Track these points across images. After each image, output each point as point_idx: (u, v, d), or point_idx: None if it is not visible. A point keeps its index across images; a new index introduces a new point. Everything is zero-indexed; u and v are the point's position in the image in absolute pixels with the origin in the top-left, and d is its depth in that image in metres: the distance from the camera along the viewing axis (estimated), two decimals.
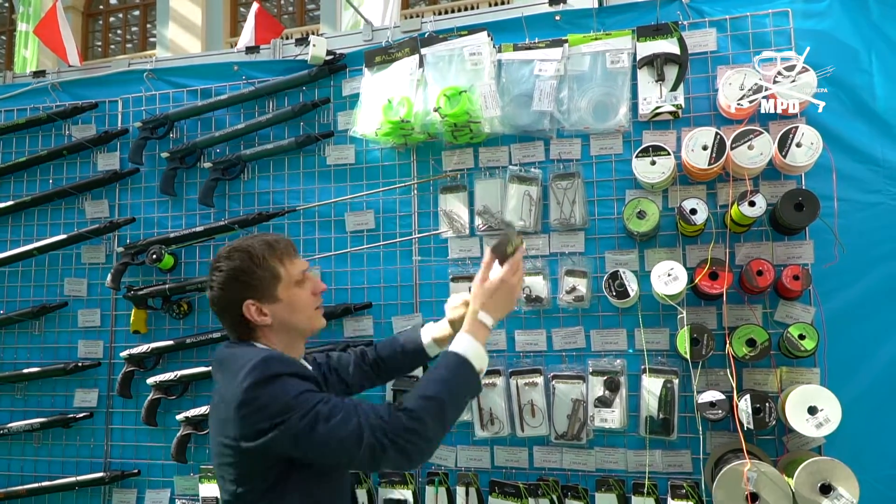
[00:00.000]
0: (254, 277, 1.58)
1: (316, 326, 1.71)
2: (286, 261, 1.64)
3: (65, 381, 2.65)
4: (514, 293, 1.72)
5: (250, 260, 1.59)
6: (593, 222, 2.22)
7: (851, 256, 2.01)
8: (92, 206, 2.70)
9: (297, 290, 1.64)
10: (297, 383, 1.48)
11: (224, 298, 1.60)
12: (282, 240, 1.67)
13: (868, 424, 1.97)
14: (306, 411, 1.43)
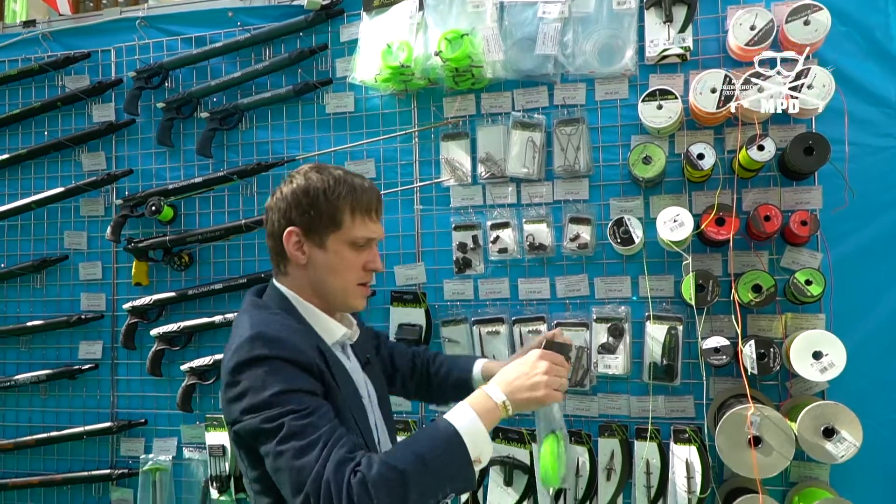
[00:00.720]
0: (313, 207, 1.37)
1: (350, 304, 1.47)
2: (358, 215, 1.41)
3: (69, 334, 2.65)
4: (536, 390, 1.35)
5: (321, 189, 1.38)
6: (598, 169, 2.19)
7: (861, 201, 1.98)
8: (89, 159, 2.66)
9: (348, 252, 1.41)
10: (284, 374, 1.26)
11: (275, 212, 1.41)
12: (372, 193, 1.44)
13: (872, 370, 1.97)
14: (275, 415, 1.22)
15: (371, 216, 1.43)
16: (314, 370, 1.30)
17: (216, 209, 2.52)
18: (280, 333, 1.31)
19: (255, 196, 2.48)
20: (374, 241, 1.46)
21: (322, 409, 1.26)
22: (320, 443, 1.20)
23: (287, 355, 1.27)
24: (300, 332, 1.36)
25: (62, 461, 2.64)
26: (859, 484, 1.94)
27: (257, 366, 1.26)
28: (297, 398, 1.24)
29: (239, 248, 2.49)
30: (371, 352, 1.67)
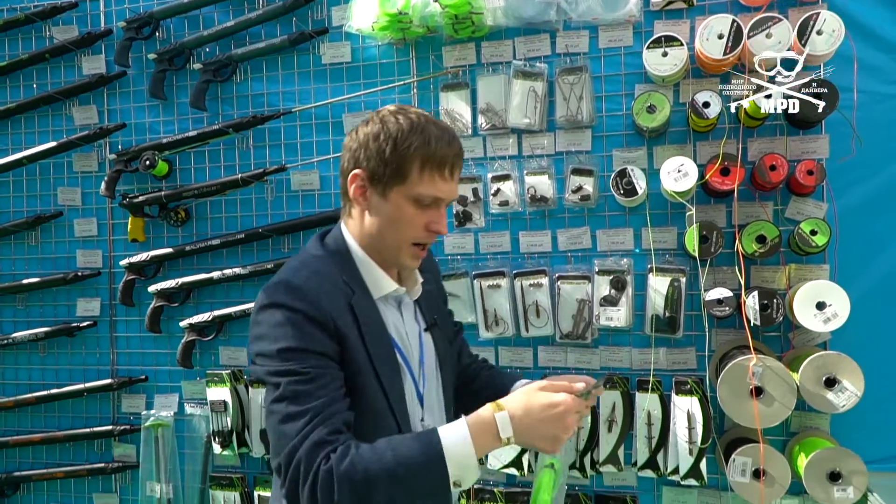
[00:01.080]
0: (381, 155, 1.29)
1: (401, 261, 1.38)
2: (428, 171, 1.29)
3: (66, 292, 2.63)
4: (549, 441, 1.21)
5: (393, 136, 1.28)
6: (601, 119, 2.15)
7: (868, 150, 1.95)
8: (80, 112, 2.61)
9: (410, 208, 1.31)
10: (296, 327, 1.23)
11: (347, 151, 1.35)
12: (450, 148, 1.31)
13: (875, 321, 1.96)
14: (277, 371, 1.21)
15: (443, 174, 1.31)
16: (329, 327, 1.25)
17: (212, 163, 2.48)
18: (305, 283, 1.27)
19: (251, 150, 2.43)
20: (442, 202, 1.34)
21: (324, 377, 1.22)
22: (308, 415, 1.17)
23: (302, 307, 1.24)
24: (333, 283, 1.31)
25: (63, 418, 2.64)
26: (859, 433, 1.95)
27: (274, 313, 1.25)
28: (302, 358, 1.21)
29: (236, 202, 2.46)
30: (441, 315, 1.57)
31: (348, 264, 1.37)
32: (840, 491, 1.80)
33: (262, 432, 2.34)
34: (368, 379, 1.30)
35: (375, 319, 1.35)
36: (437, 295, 1.62)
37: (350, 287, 1.33)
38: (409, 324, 1.45)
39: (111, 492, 2.60)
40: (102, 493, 2.61)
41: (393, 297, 1.42)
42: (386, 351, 1.35)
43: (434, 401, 1.48)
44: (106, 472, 2.55)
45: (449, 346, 1.59)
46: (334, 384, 1.23)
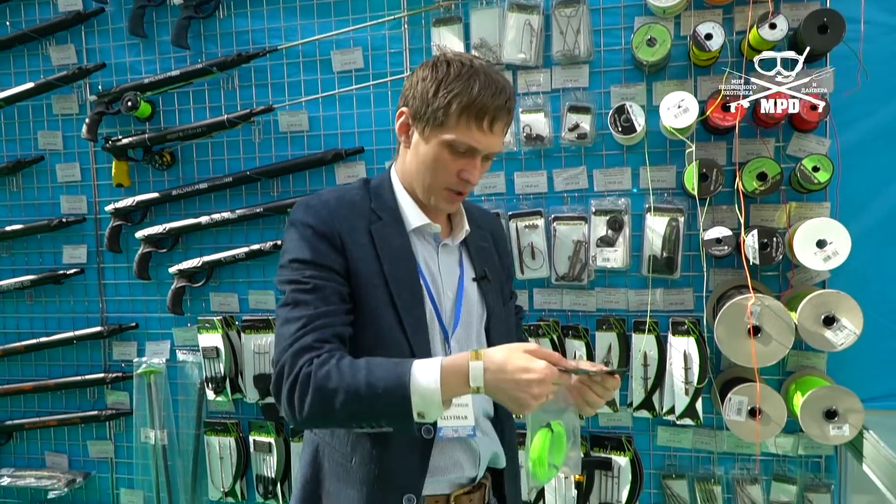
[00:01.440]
0: (425, 97, 1.30)
1: (436, 203, 1.37)
2: (465, 119, 1.28)
3: (51, 238, 2.57)
4: (514, 386, 1.14)
5: (440, 80, 1.28)
6: (598, 54, 2.07)
7: (873, 84, 1.89)
8: (57, 52, 2.50)
9: (445, 153, 1.31)
10: (306, 240, 1.30)
11: (404, 88, 1.37)
12: (493, 99, 1.28)
13: (875, 259, 1.94)
14: (286, 279, 1.30)
15: (482, 125, 1.29)
16: (336, 242, 1.30)
17: (196, 105, 2.40)
18: (321, 202, 1.34)
19: (237, 90, 2.35)
20: (478, 153, 1.32)
21: (325, 289, 1.27)
22: (301, 321, 1.24)
23: (312, 221, 1.31)
24: (354, 207, 1.36)
25: (54, 367, 2.61)
26: (856, 372, 1.95)
27: (293, 227, 1.33)
28: (307, 269, 1.28)
29: (223, 145, 2.39)
30: (493, 269, 1.53)
31: (385, 196, 1.41)
32: (836, 429, 1.80)
33: (256, 378, 2.32)
34: (382, 302, 1.31)
35: (400, 246, 1.37)
36: (493, 256, 1.58)
37: (377, 215, 1.37)
38: (446, 265, 1.44)
39: (105, 439, 2.59)
40: (97, 440, 2.60)
41: (430, 234, 1.43)
42: (407, 276, 1.35)
43: (470, 345, 1.42)
44: (100, 420, 2.54)
45: (502, 305, 1.55)
46: (334, 297, 1.28)
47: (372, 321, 1.31)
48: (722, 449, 2.06)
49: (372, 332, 1.31)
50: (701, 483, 2.07)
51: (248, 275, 2.41)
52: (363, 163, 2.27)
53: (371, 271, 1.32)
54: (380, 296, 1.31)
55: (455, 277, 1.45)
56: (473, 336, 1.44)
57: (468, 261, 1.49)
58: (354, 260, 1.31)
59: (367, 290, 1.31)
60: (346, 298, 1.30)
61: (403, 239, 1.38)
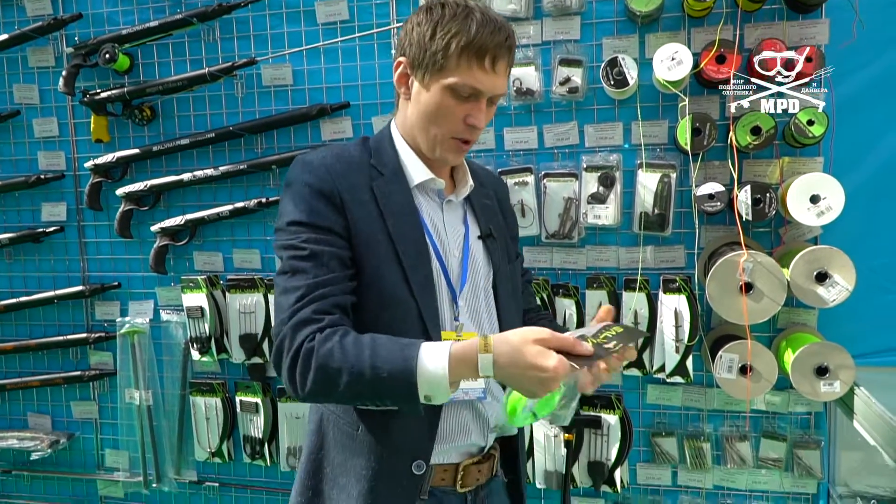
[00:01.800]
0: (423, 41, 1.25)
1: (440, 155, 1.32)
2: (466, 59, 1.23)
3: (29, 195, 2.50)
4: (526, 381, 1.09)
5: (436, 21, 1.24)
6: (590, 5, 2.02)
7: (868, 35, 1.85)
8: (32, 2, 2.41)
9: (448, 99, 1.26)
10: (304, 201, 1.24)
11: (401, 36, 1.32)
12: (493, 36, 1.23)
13: (867, 214, 1.93)
14: (283, 244, 1.25)
15: (483, 64, 1.23)
16: (335, 200, 1.24)
17: (177, 57, 2.32)
18: (318, 159, 1.29)
19: (219, 42, 2.28)
20: (482, 95, 1.26)
21: (323, 255, 1.22)
22: (300, 291, 1.19)
23: (310, 179, 1.25)
24: (353, 164, 1.31)
25: (35, 327, 2.57)
26: (847, 328, 1.94)
27: (290, 187, 1.28)
28: (304, 233, 1.23)
29: (204, 99, 2.32)
30: (498, 227, 1.48)
31: (386, 152, 1.35)
32: (827, 385, 1.79)
33: (242, 338, 2.28)
34: (386, 260, 1.26)
35: (403, 202, 1.31)
36: (498, 215, 1.53)
37: (378, 170, 1.32)
38: (451, 222, 1.39)
39: (89, 399, 2.56)
40: (80, 400, 2.56)
41: (434, 191, 1.38)
42: (412, 233, 1.30)
43: (478, 308, 1.38)
44: (83, 380, 2.50)
45: (508, 263, 1.49)
46: (333, 262, 1.23)
47: (376, 280, 1.25)
48: (712, 406, 2.05)
49: (376, 292, 1.26)
50: (690, 440, 2.06)
51: (233, 233, 2.36)
52: (349, 118, 2.21)
53: (374, 229, 1.26)
54: (384, 254, 1.26)
55: (460, 235, 1.40)
56: (481, 296, 1.40)
57: (473, 218, 1.44)
58: (356, 220, 1.26)
59: (371, 248, 1.26)
60: (346, 263, 1.24)
61: (406, 195, 1.33)
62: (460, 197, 1.42)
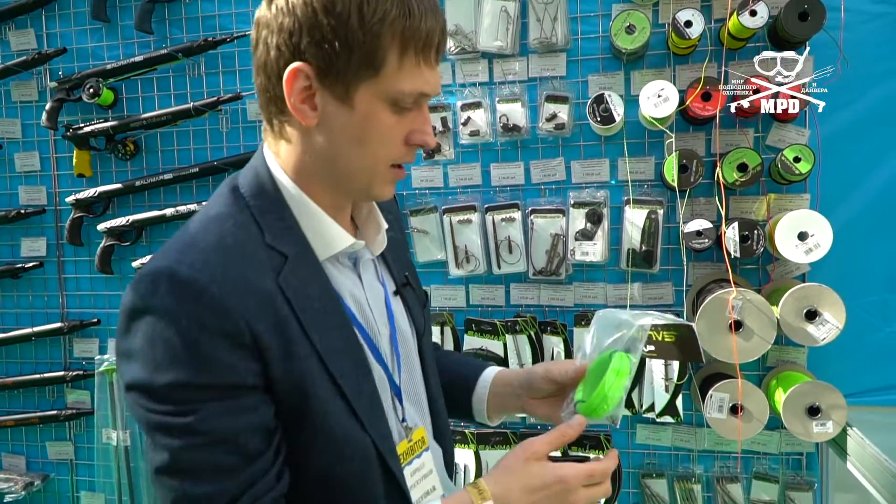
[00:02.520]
0: (338, 34, 0.85)
1: (374, 192, 0.97)
2: (411, 56, 0.88)
3: (8, 230, 2.46)
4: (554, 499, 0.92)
5: (356, 3, 0.84)
6: (576, 42, 2.02)
7: (853, 73, 1.85)
8: (16, 37, 2.40)
9: (386, 113, 0.90)
10: (193, 347, 0.80)
11: (273, 33, 0.88)
12: (436, 21, 0.90)
13: (855, 251, 1.90)
14: (163, 424, 0.81)
15: (428, 58, 0.90)
16: (244, 339, 0.82)
17: (161, 92, 2.31)
18: (200, 270, 0.82)
19: (204, 77, 2.26)
20: (426, 99, 0.94)
21: (240, 434, 0.83)
22: (229, 472, 0.82)
23: (202, 317, 0.80)
24: (248, 256, 0.88)
25: (11, 364, 2.51)
26: (837, 367, 1.91)
27: (152, 321, 0.81)
28: (202, 401, 0.81)
29: (189, 134, 2.30)
30: (406, 263, 1.21)
31: (278, 214, 0.93)
32: (819, 426, 1.76)
33: None
34: (328, 398, 0.90)
35: (321, 295, 0.93)
36: (403, 243, 1.24)
37: (279, 251, 0.90)
38: (370, 289, 1.05)
39: (65, 440, 2.48)
40: (56, 440, 2.49)
41: (344, 254, 1.01)
42: (343, 340, 0.94)
43: (414, 388, 1.12)
44: (59, 420, 2.44)
45: (423, 307, 1.20)
46: (255, 441, 0.84)
47: (322, 431, 0.90)
48: (702, 447, 2.01)
49: (324, 445, 0.90)
50: (681, 482, 2.02)
51: None
52: None
53: (301, 357, 0.88)
54: (323, 389, 0.89)
55: (382, 301, 1.07)
56: (412, 366, 1.12)
57: (385, 269, 1.12)
58: (276, 356, 0.85)
59: (306, 388, 0.88)
60: (271, 429, 0.87)
61: (322, 279, 0.95)
62: (378, 250, 1.08)
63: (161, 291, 0.81)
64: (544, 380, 1.12)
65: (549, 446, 0.94)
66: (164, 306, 0.80)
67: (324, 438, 0.90)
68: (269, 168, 0.96)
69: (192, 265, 0.82)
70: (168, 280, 0.81)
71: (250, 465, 0.83)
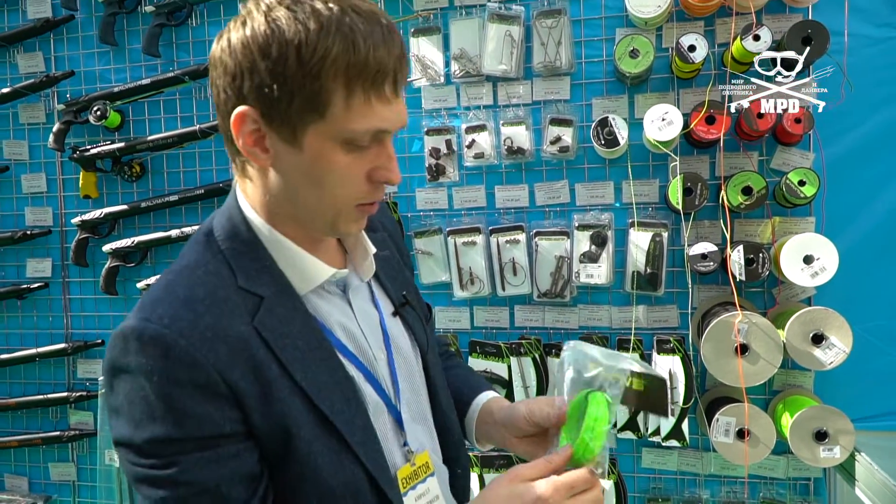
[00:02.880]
0: (277, 78, 0.82)
1: (340, 229, 0.94)
2: (360, 92, 0.83)
3: (14, 251, 2.47)
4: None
5: (293, 41, 0.80)
6: (580, 66, 2.03)
7: (857, 97, 1.85)
8: (25, 60, 2.43)
9: (339, 154, 0.86)
10: (169, 402, 0.80)
11: (220, 74, 0.87)
12: (391, 49, 0.84)
13: (861, 275, 1.90)
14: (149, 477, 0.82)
15: (381, 92, 0.85)
16: (218, 388, 0.82)
17: (167, 114, 2.32)
18: (170, 325, 0.82)
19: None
20: (387, 135, 0.89)
21: (221, 484, 0.83)
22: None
23: (172, 371, 0.80)
24: (219, 304, 0.87)
25: (15, 385, 2.50)
26: (844, 391, 1.90)
27: (128, 379, 0.82)
28: (179, 455, 0.81)
29: (194, 156, 2.31)
30: (405, 282, 1.17)
31: (252, 255, 0.93)
32: (826, 451, 1.75)
33: None
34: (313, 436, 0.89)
35: (302, 331, 0.92)
36: (399, 261, 1.19)
37: (253, 293, 0.90)
38: (363, 314, 1.03)
39: (68, 461, 2.48)
40: (59, 462, 2.48)
41: (331, 282, 1.00)
42: (329, 374, 0.93)
43: (420, 408, 1.10)
44: (62, 441, 2.43)
45: (426, 322, 1.19)
46: (238, 490, 0.84)
47: (308, 471, 0.89)
48: (708, 471, 1.99)
49: (308, 486, 0.89)
50: None
51: None
52: None
53: (282, 399, 0.87)
54: (307, 429, 0.88)
55: (377, 325, 1.05)
56: (416, 386, 1.10)
57: (380, 289, 1.10)
58: (254, 402, 0.85)
59: (288, 430, 0.87)
60: (254, 474, 0.86)
61: (302, 315, 0.93)
62: (367, 275, 1.06)
63: (132, 350, 0.82)
64: (526, 422, 1.08)
65: (536, 472, 0.92)
66: (136, 365, 0.81)
67: (310, 479, 0.89)
68: (240, 208, 0.95)
69: (159, 321, 0.82)
70: (137, 339, 0.82)
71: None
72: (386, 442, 0.99)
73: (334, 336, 0.97)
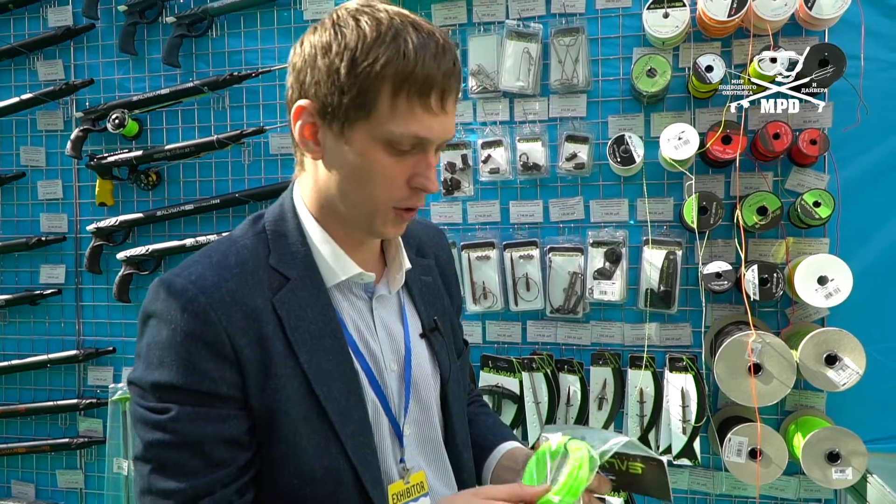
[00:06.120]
0: (333, 77, 0.89)
1: (376, 229, 0.99)
2: (404, 99, 0.89)
3: (28, 257, 2.48)
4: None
5: (351, 47, 0.88)
6: (596, 83, 2.05)
7: (872, 120, 1.88)
8: (45, 67, 2.45)
9: (382, 154, 0.91)
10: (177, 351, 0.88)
11: (292, 73, 0.95)
12: (441, 63, 0.89)
13: (875, 296, 1.90)
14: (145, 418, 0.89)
15: (427, 102, 0.90)
16: (224, 349, 0.89)
17: (185, 124, 2.34)
18: (196, 282, 0.90)
19: (228, 110, 2.30)
20: (429, 145, 0.93)
21: (204, 442, 0.88)
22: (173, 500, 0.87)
23: (182, 321, 0.88)
24: (246, 275, 0.94)
25: (25, 391, 2.51)
26: (856, 412, 1.90)
27: (154, 324, 0.90)
28: (175, 404, 0.87)
29: (211, 166, 2.33)
30: (443, 313, 1.18)
31: (289, 240, 0.99)
32: (839, 472, 1.75)
33: None
34: (303, 418, 0.93)
35: (318, 318, 0.96)
36: (440, 290, 1.20)
37: (281, 273, 0.96)
38: (383, 324, 1.06)
39: (76, 468, 2.47)
40: (67, 469, 2.48)
41: (358, 285, 1.04)
42: (335, 365, 0.96)
43: (427, 431, 1.10)
44: (70, 448, 2.43)
45: (457, 358, 1.20)
46: (220, 451, 0.89)
47: (291, 450, 0.93)
48: (720, 490, 1.99)
49: (293, 466, 0.93)
50: None
51: None
52: None
53: (283, 374, 0.92)
54: (299, 410, 0.92)
55: (398, 339, 1.07)
56: (430, 413, 1.11)
57: (412, 308, 1.13)
58: (256, 370, 0.91)
59: (280, 406, 0.91)
60: (241, 442, 0.91)
61: (323, 303, 0.98)
62: (395, 287, 1.08)
63: (160, 298, 0.91)
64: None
65: (503, 494, 0.93)
66: (160, 311, 0.90)
67: (293, 458, 0.93)
68: (293, 198, 1.03)
69: (188, 277, 0.91)
70: (166, 289, 0.90)
71: (212, 472, 0.88)
72: (382, 448, 1.02)
73: (348, 332, 1.01)
